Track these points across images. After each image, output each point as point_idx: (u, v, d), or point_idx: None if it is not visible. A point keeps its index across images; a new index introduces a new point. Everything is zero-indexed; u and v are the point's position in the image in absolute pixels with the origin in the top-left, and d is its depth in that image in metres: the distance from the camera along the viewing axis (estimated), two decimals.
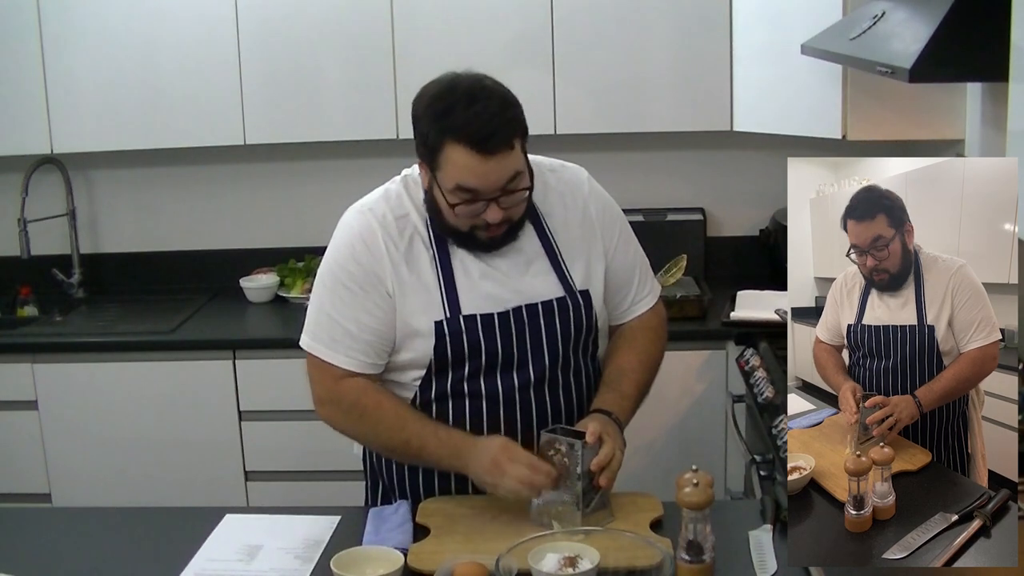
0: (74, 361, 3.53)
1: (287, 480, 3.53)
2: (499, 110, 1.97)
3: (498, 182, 1.99)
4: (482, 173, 1.97)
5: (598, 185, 2.26)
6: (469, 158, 1.95)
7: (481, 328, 2.08)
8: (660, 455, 3.38)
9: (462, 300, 2.08)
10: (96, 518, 2.30)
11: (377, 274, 2.08)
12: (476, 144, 1.94)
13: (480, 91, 1.98)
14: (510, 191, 2.01)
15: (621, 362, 2.23)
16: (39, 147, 3.72)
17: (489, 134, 1.95)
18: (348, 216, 2.16)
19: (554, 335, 2.13)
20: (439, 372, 2.11)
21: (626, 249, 2.25)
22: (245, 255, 4.02)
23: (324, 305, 2.13)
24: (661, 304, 2.33)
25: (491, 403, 2.12)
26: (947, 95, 3.04)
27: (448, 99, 1.98)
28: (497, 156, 1.96)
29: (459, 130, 1.95)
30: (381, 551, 1.90)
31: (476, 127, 1.94)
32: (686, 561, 1.82)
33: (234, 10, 3.57)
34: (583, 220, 2.19)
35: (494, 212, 2.01)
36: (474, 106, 1.95)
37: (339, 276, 2.11)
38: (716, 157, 3.91)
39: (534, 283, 2.13)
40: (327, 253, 2.15)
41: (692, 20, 3.51)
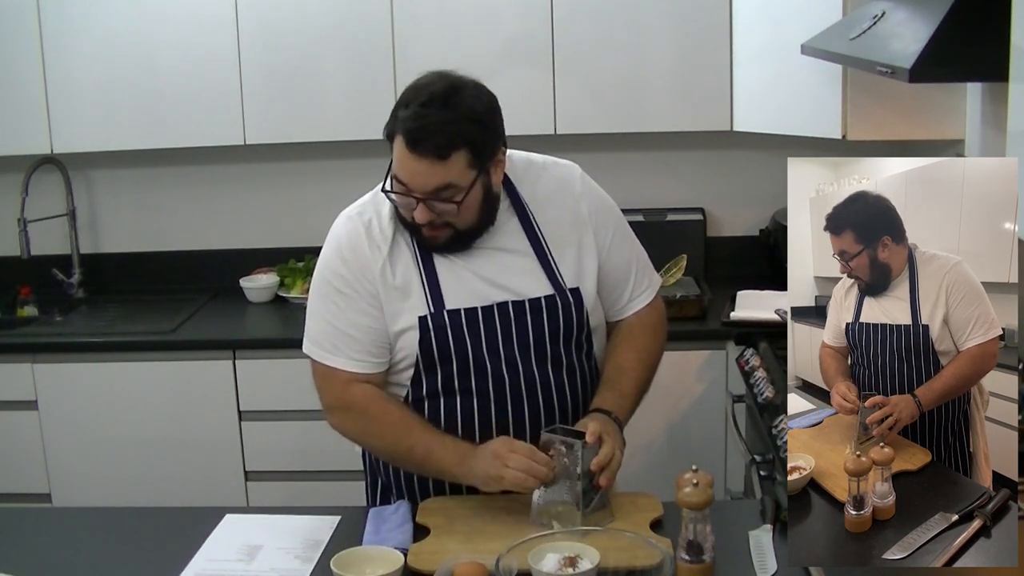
0: (74, 361, 3.53)
1: (287, 480, 3.53)
2: (448, 119, 1.98)
3: (424, 186, 2.01)
4: (410, 170, 2.00)
5: (592, 182, 2.26)
6: (402, 152, 2.00)
7: (465, 323, 2.09)
8: (660, 455, 3.38)
9: (446, 296, 2.10)
10: (96, 518, 2.30)
11: (366, 276, 2.11)
12: (408, 141, 1.98)
13: (443, 95, 2.00)
14: (441, 199, 2.03)
15: (620, 360, 2.24)
16: (39, 147, 3.72)
17: (422, 137, 1.97)
18: (337, 222, 2.19)
19: (541, 332, 2.13)
20: (427, 369, 2.12)
21: (621, 246, 2.25)
22: (245, 255, 4.02)
23: (321, 312, 2.15)
24: (660, 299, 2.33)
25: (483, 400, 2.12)
26: (947, 95, 3.04)
27: (414, 93, 2.02)
28: (425, 160, 1.98)
29: (402, 123, 1.99)
30: (381, 551, 1.90)
31: (414, 125, 1.98)
32: (686, 561, 1.82)
33: (234, 10, 3.57)
34: (574, 218, 2.19)
35: (420, 213, 2.04)
36: (426, 107, 1.98)
37: (331, 282, 2.14)
38: (716, 157, 3.91)
39: (521, 280, 2.13)
40: (319, 260, 2.19)
41: (692, 20, 3.51)
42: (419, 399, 2.15)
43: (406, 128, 1.98)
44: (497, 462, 2.00)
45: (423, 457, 2.10)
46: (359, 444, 2.24)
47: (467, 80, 2.05)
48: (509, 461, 2.00)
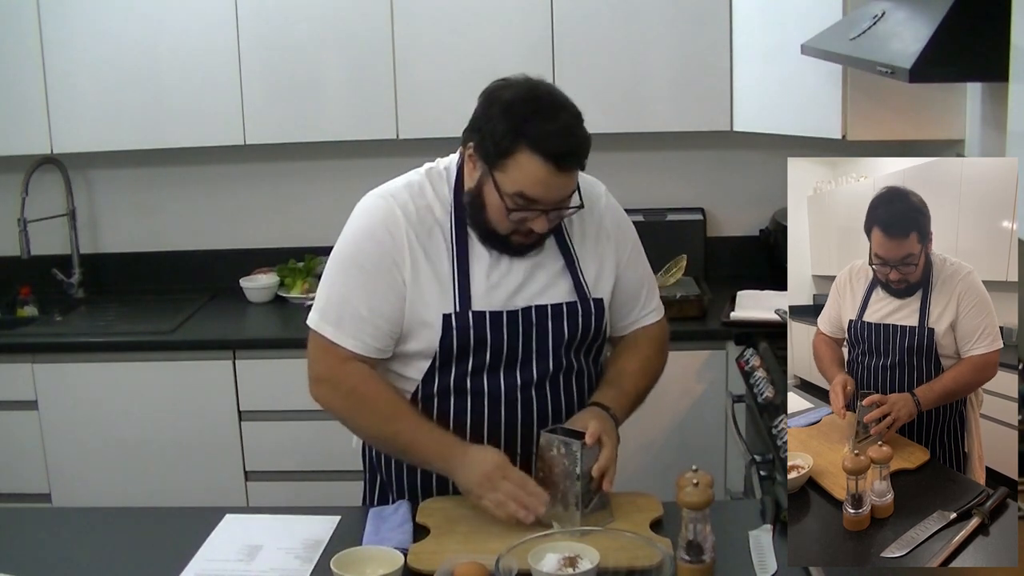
0: (74, 361, 3.53)
1: (287, 480, 3.53)
2: (577, 127, 1.98)
3: (560, 197, 2.00)
4: (549, 187, 1.97)
5: (613, 199, 2.27)
6: (542, 170, 1.95)
7: (489, 325, 2.08)
8: (660, 455, 3.38)
9: (474, 296, 2.08)
10: (96, 518, 2.29)
11: (395, 259, 2.07)
12: (553, 158, 1.94)
13: (562, 105, 1.99)
14: (564, 207, 2.03)
15: (623, 364, 2.24)
16: (39, 147, 3.72)
17: (568, 151, 1.96)
18: (368, 201, 2.14)
19: (561, 338, 2.13)
20: (443, 366, 2.11)
21: (636, 264, 2.26)
22: (245, 255, 4.02)
23: (336, 285, 2.12)
24: (665, 321, 2.34)
25: (492, 401, 2.12)
26: (947, 95, 3.05)
27: (531, 105, 1.97)
28: (569, 173, 1.98)
29: (539, 141, 1.94)
30: (381, 551, 1.90)
31: (557, 142, 1.94)
32: (686, 561, 1.82)
33: (234, 10, 3.57)
34: (599, 231, 2.20)
35: (542, 223, 2.02)
36: (556, 119, 1.95)
37: (356, 258, 2.10)
38: (716, 157, 3.91)
39: (548, 286, 2.13)
40: (344, 235, 2.13)
41: (692, 20, 3.51)
42: (428, 396, 2.13)
43: (549, 146, 1.93)
44: (487, 484, 1.99)
45: (407, 444, 2.10)
46: (342, 421, 2.18)
47: (544, 81, 2.04)
48: (499, 485, 1.99)
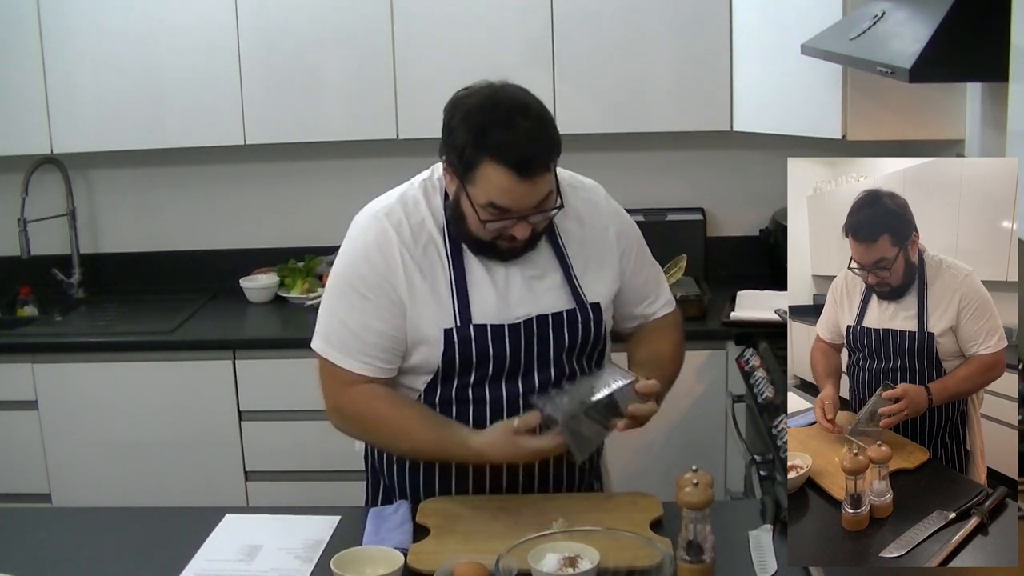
0: (74, 361, 3.53)
1: (287, 480, 3.53)
2: (539, 132, 1.96)
3: (532, 203, 1.98)
4: (518, 195, 1.95)
5: (615, 203, 2.26)
6: (507, 179, 1.93)
7: (491, 338, 2.07)
8: (660, 455, 3.38)
9: (473, 309, 2.07)
10: (96, 518, 2.30)
11: (390, 281, 2.06)
12: (515, 167, 1.92)
13: (521, 109, 1.95)
14: (541, 210, 2.01)
15: (657, 346, 2.24)
16: (39, 147, 3.72)
17: (529, 157, 1.93)
18: (362, 220, 2.12)
19: (562, 346, 2.12)
20: (445, 379, 2.11)
21: (641, 266, 2.26)
22: (245, 255, 4.02)
23: (336, 310, 2.12)
24: (678, 309, 2.35)
25: (495, 410, 2.11)
26: (947, 95, 3.05)
27: (489, 115, 1.94)
28: (535, 179, 1.95)
29: (498, 150, 1.91)
30: (381, 551, 1.90)
31: (517, 150, 1.92)
32: (686, 561, 1.82)
33: (234, 10, 3.57)
34: (601, 240, 2.18)
35: (522, 229, 2.00)
36: (516, 127, 1.92)
37: (352, 282, 2.09)
38: (716, 157, 3.91)
39: (546, 295, 2.12)
40: (340, 257, 2.13)
41: (692, 20, 3.51)
42: (431, 405, 2.13)
43: (509, 155, 1.91)
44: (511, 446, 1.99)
45: (427, 457, 2.13)
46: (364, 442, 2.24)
47: (513, 85, 2.01)
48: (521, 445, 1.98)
